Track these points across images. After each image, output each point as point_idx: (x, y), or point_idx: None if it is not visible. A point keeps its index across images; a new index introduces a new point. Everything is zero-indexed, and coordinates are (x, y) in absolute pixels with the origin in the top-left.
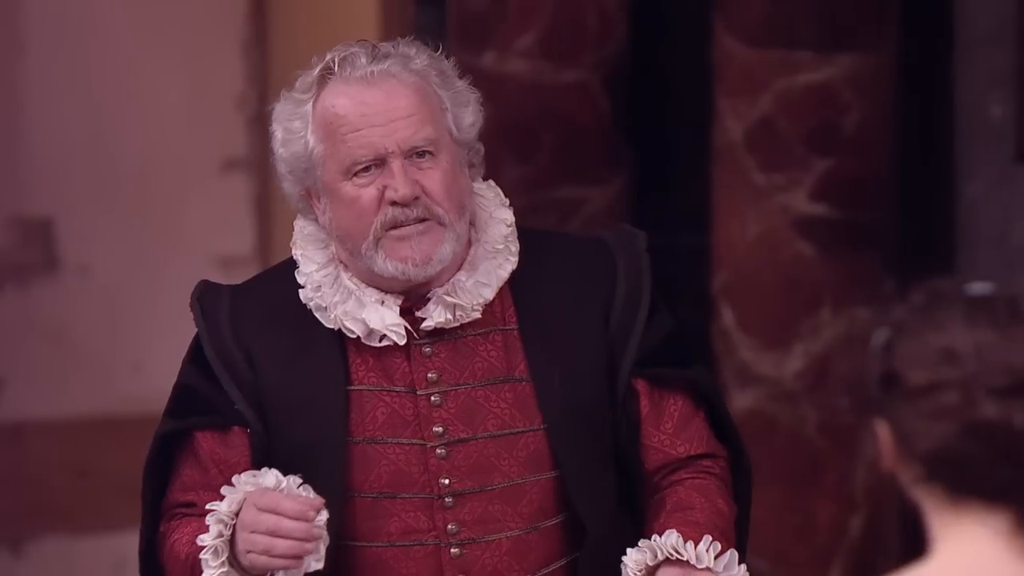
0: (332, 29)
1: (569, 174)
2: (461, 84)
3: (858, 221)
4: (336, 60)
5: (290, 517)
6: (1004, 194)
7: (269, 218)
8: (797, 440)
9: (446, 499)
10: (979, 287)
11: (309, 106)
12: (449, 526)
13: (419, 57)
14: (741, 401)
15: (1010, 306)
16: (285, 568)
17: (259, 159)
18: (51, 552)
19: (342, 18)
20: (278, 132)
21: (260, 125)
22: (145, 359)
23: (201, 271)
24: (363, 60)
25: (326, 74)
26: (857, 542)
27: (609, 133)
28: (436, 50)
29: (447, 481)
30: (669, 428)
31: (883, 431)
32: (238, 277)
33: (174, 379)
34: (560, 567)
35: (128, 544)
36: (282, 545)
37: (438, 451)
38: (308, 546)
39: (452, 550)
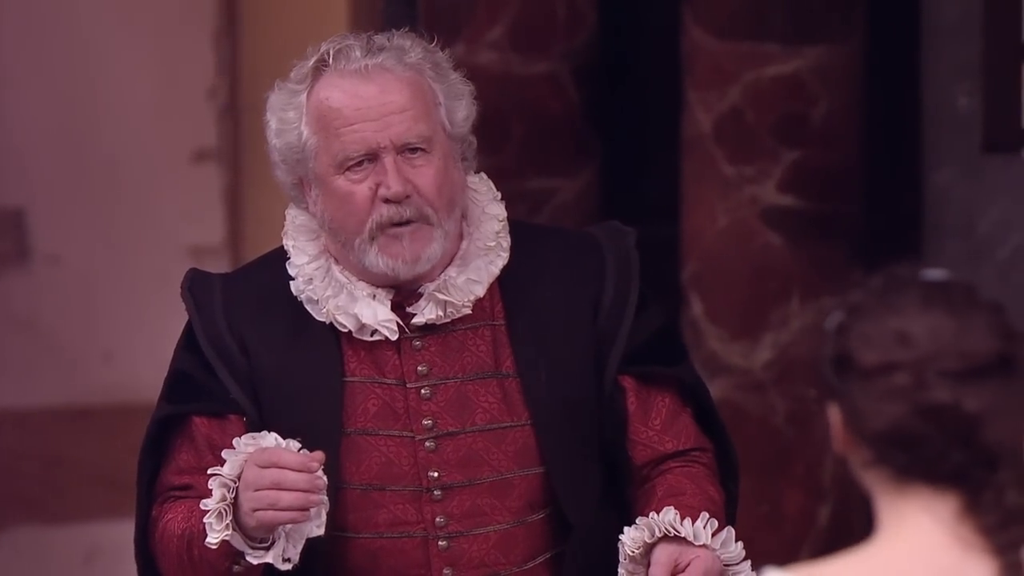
0: (303, 20)
1: (539, 165)
2: (455, 77)
3: (826, 212)
4: (331, 52)
5: (293, 469)
6: (971, 184)
7: (240, 209)
8: (766, 430)
9: (434, 492)
10: (936, 273)
11: (303, 96)
12: (437, 519)
13: (414, 50)
14: (710, 391)
15: (966, 293)
16: (292, 521)
17: (230, 150)
18: (23, 542)
19: (312, 9)
20: (272, 122)
21: (231, 116)
22: (116, 349)
23: (172, 261)
24: (358, 53)
25: (320, 65)
26: (825, 531)
27: (578, 124)
28: (431, 42)
29: (436, 474)
30: (657, 424)
31: (835, 414)
32: (209, 267)
33: (145, 369)
34: (546, 560)
35: (100, 534)
36: (287, 497)
37: (427, 444)
38: (313, 497)
39: (440, 542)
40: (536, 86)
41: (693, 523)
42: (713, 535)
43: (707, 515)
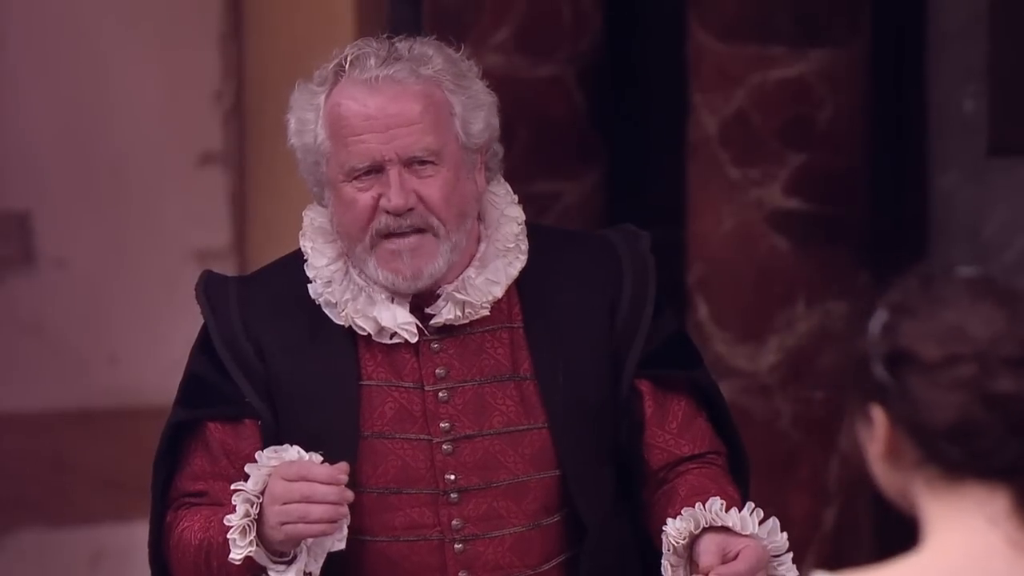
0: (309, 24)
1: (544, 168)
2: (478, 87)
3: (832, 215)
4: (348, 58)
5: (321, 482)
6: (976, 188)
7: (246, 212)
8: (771, 433)
9: (451, 495)
10: (967, 270)
11: (322, 99)
12: (454, 522)
13: (434, 60)
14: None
15: (1007, 285)
16: (322, 533)
17: (236, 153)
18: (28, 545)
19: (318, 13)
20: (292, 121)
21: (237, 119)
22: (122, 352)
23: (178, 265)
24: (372, 62)
25: (339, 71)
26: (831, 534)
27: (584, 127)
28: (457, 50)
29: (453, 477)
30: (673, 428)
31: (879, 415)
32: (216, 270)
33: (151, 372)
34: (560, 563)
35: (106, 537)
36: (318, 510)
37: (444, 447)
38: (343, 509)
39: (456, 546)
40: (541, 89)
41: (739, 512)
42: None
43: (752, 504)
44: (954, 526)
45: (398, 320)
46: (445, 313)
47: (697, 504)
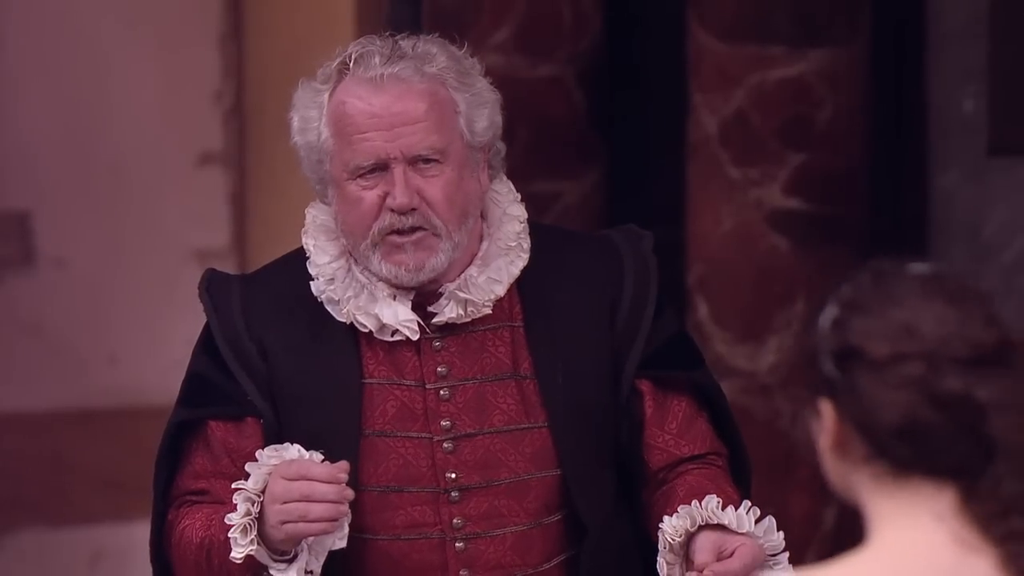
0: (308, 23)
1: (544, 168)
2: (481, 85)
3: (832, 215)
4: (352, 56)
5: (321, 481)
6: (976, 188)
7: (245, 212)
8: (771, 433)
9: (452, 493)
10: (921, 266)
11: (325, 97)
12: (454, 520)
13: (438, 58)
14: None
15: (959, 283)
16: (322, 532)
17: (235, 153)
18: (28, 545)
19: (318, 12)
20: (295, 119)
21: (236, 119)
22: (121, 352)
23: (177, 265)
24: (377, 61)
25: (343, 68)
26: (831, 534)
27: (584, 127)
28: (460, 47)
29: (453, 475)
30: (673, 428)
31: (827, 410)
32: None
33: (151, 371)
34: (561, 562)
35: (105, 537)
36: (318, 508)
37: (445, 445)
38: (343, 508)
39: (457, 544)
40: (541, 89)
41: (735, 511)
42: (756, 522)
43: (749, 503)
44: (901, 522)
45: (400, 317)
46: (448, 312)
47: (694, 502)
